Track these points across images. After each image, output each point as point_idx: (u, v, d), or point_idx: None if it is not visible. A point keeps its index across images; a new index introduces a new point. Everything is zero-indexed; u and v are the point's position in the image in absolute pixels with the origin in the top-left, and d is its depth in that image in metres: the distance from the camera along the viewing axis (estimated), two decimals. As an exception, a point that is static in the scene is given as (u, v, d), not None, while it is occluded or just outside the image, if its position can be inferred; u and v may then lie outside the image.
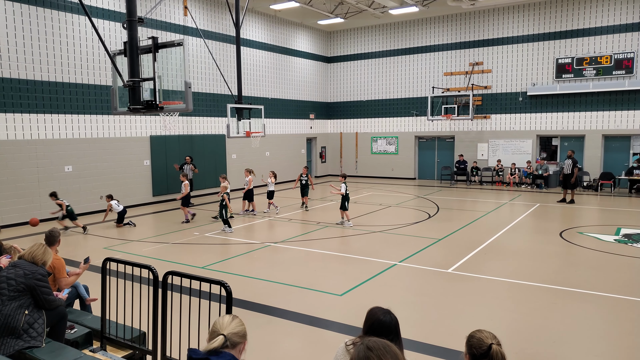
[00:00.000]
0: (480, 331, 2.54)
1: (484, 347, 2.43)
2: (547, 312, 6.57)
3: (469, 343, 2.52)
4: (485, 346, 2.43)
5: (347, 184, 12.86)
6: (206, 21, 18.63)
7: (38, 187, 13.46)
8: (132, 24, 7.90)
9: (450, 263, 8.93)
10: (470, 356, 2.50)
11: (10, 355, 4.08)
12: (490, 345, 2.42)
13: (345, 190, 12.61)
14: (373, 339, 2.11)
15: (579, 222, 13.04)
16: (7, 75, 12.72)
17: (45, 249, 4.60)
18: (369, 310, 2.98)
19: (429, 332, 6.01)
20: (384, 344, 2.06)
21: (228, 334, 2.54)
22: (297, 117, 24.00)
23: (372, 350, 2.01)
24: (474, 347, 2.47)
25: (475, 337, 2.51)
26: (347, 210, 12.72)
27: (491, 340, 2.45)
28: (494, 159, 21.55)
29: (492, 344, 2.42)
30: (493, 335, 2.51)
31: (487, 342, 2.44)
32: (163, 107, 8.15)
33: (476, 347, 2.46)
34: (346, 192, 12.63)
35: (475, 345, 2.47)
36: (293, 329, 6.19)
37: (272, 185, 14.81)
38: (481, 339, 2.47)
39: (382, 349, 2.02)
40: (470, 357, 2.50)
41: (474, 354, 2.47)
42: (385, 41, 24.20)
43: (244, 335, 2.64)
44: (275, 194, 15.36)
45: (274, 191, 14.92)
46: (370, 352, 2.01)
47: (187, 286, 4.27)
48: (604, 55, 18.82)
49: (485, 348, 2.42)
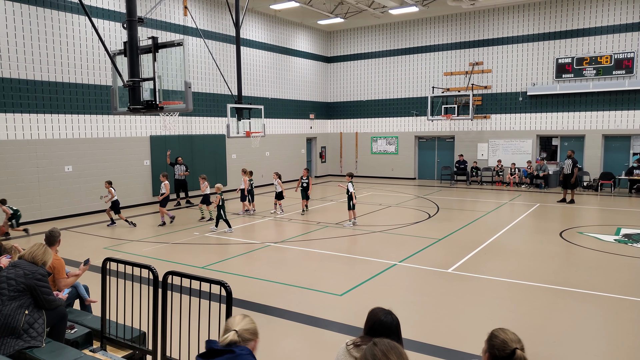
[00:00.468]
0: (504, 331, 2.40)
1: (507, 351, 2.30)
2: (547, 312, 6.57)
3: (490, 342, 2.39)
4: (509, 349, 2.30)
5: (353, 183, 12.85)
6: (206, 21, 18.64)
7: (38, 187, 13.46)
8: (132, 24, 7.90)
9: (450, 263, 8.93)
10: (490, 356, 2.37)
11: (11, 355, 4.08)
12: (514, 350, 2.29)
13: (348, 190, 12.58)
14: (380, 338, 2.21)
15: (579, 222, 13.04)
16: (7, 75, 12.72)
17: (45, 249, 4.60)
18: (370, 311, 2.98)
19: (429, 332, 6.01)
20: (391, 342, 2.13)
21: (239, 330, 2.62)
22: (297, 117, 24.00)
23: (376, 345, 2.09)
24: (497, 349, 2.34)
25: (499, 337, 2.37)
26: (352, 209, 12.63)
27: (516, 345, 2.32)
28: (494, 159, 21.55)
29: (517, 349, 2.30)
30: (518, 338, 2.37)
31: (512, 346, 2.31)
32: (163, 107, 8.14)
33: (499, 349, 2.33)
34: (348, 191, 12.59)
35: (498, 346, 2.34)
36: (293, 329, 6.20)
37: (279, 187, 14.61)
38: (505, 341, 2.34)
39: (387, 344, 2.09)
40: (491, 356, 2.37)
41: (496, 355, 2.34)
42: (385, 41, 24.20)
43: (254, 332, 2.70)
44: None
45: (282, 192, 14.70)
46: (375, 347, 2.08)
47: (187, 286, 4.27)
48: (604, 55, 18.82)
49: (509, 352, 2.29)
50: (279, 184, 14.63)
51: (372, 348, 2.08)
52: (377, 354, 2.04)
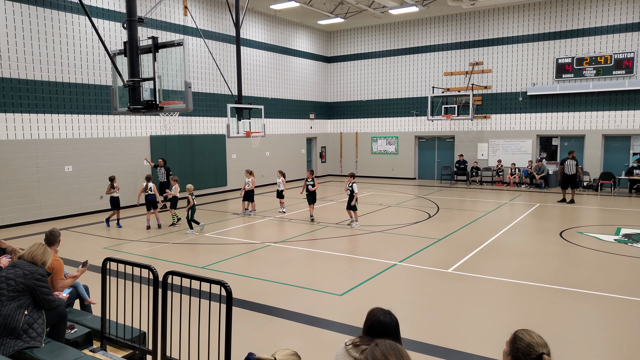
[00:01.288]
0: (530, 334, 2.28)
1: (533, 356, 2.19)
2: (547, 312, 6.57)
3: (514, 345, 2.27)
4: (535, 355, 2.18)
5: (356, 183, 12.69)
6: (206, 21, 18.63)
7: (38, 187, 13.46)
8: (132, 23, 7.90)
9: (450, 263, 8.93)
10: (513, 359, 2.26)
11: (10, 355, 4.08)
12: (541, 354, 2.17)
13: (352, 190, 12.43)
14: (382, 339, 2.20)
15: (579, 222, 13.04)
16: (7, 75, 12.72)
17: (45, 249, 4.60)
18: (369, 311, 2.98)
19: (429, 332, 6.00)
20: (392, 343, 2.13)
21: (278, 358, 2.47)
22: (297, 117, 24.00)
23: (378, 346, 2.09)
24: (522, 352, 2.22)
25: (524, 340, 2.25)
26: (355, 210, 12.53)
27: (542, 349, 2.20)
28: (494, 159, 21.55)
29: (544, 354, 2.17)
30: (544, 342, 2.24)
31: (538, 351, 2.18)
32: (163, 107, 8.15)
33: (524, 353, 2.21)
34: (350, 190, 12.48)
35: (523, 350, 2.23)
36: (293, 329, 6.19)
37: (282, 185, 14.69)
38: (531, 345, 2.22)
39: (388, 345, 2.09)
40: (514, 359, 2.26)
41: (519, 358, 2.22)
42: (385, 41, 24.20)
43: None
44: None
45: (282, 190, 14.73)
46: (376, 348, 2.08)
47: (187, 286, 4.27)
48: (604, 55, 18.82)
49: (535, 357, 2.18)
50: (283, 182, 14.67)
51: (373, 349, 2.08)
52: (377, 355, 2.04)
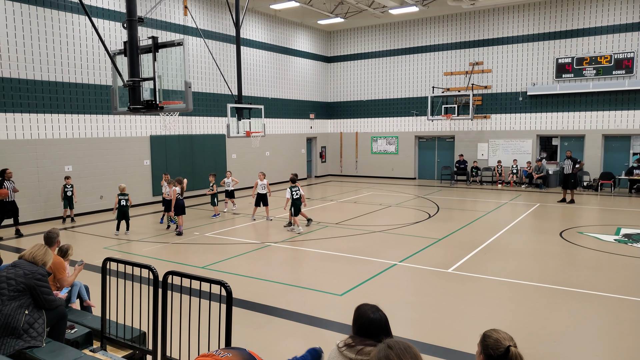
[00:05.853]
0: (497, 331, 2.48)
1: (501, 349, 2.37)
2: (547, 312, 6.57)
3: (484, 343, 2.45)
4: (502, 348, 2.37)
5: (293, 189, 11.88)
6: (206, 21, 18.63)
7: (38, 187, 13.46)
8: (132, 23, 7.90)
9: (450, 263, 8.93)
10: (485, 356, 2.43)
11: (11, 355, 4.08)
12: (508, 347, 2.37)
13: (292, 195, 11.81)
14: (393, 339, 2.18)
15: (579, 222, 13.04)
16: (7, 75, 12.71)
17: (46, 250, 4.60)
18: (356, 309, 2.92)
19: (429, 332, 6.01)
20: (405, 343, 2.11)
21: None
22: (297, 117, 23.99)
23: (392, 349, 2.07)
24: (491, 348, 2.40)
25: (491, 337, 2.44)
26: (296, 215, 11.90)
27: (509, 342, 2.39)
28: (494, 159, 21.55)
29: (510, 346, 2.37)
30: (510, 336, 2.45)
31: (505, 344, 2.38)
32: (163, 107, 8.15)
33: (493, 348, 2.40)
34: (292, 196, 11.81)
35: (492, 346, 2.41)
36: (293, 329, 6.19)
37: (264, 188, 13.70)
38: (498, 339, 2.41)
39: (402, 346, 2.08)
40: (486, 357, 2.43)
41: (491, 355, 2.40)
42: (385, 41, 24.19)
43: None
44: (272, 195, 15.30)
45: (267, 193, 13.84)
46: (390, 351, 2.06)
47: (187, 286, 4.27)
48: (604, 55, 18.82)
49: (503, 350, 2.36)
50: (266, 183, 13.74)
51: (387, 352, 2.06)
52: (393, 358, 2.03)
